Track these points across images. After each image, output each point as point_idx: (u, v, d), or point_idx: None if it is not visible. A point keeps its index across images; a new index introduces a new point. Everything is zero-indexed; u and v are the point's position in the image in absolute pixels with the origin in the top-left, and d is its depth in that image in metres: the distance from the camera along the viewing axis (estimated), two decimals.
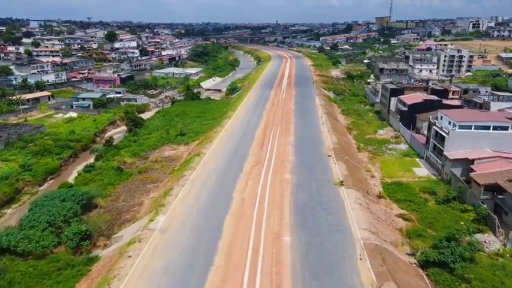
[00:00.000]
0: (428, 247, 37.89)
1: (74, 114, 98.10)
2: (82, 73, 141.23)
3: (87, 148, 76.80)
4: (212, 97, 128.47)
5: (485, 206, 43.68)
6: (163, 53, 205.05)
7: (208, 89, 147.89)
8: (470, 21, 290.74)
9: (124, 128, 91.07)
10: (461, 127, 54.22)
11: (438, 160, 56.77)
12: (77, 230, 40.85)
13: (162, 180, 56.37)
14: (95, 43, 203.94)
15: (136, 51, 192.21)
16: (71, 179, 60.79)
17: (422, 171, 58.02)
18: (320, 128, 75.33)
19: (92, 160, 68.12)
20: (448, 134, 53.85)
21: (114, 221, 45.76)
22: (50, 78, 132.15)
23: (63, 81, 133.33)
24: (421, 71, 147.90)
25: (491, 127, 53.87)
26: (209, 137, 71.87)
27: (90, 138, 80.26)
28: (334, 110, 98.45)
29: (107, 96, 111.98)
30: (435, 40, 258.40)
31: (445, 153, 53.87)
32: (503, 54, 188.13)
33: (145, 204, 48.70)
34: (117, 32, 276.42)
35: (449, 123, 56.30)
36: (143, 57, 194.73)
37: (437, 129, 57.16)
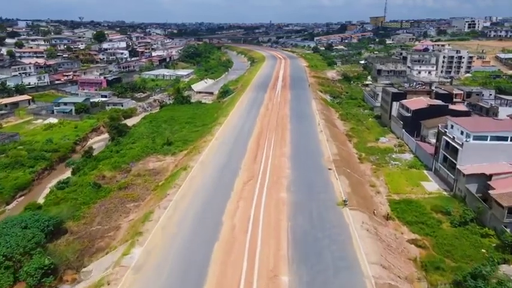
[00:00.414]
0: (449, 284, 32.53)
1: (54, 120, 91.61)
2: (67, 75, 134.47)
3: (65, 158, 70.61)
4: (203, 100, 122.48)
5: (509, 230, 38.44)
6: (153, 53, 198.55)
7: (200, 92, 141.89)
8: (466, 21, 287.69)
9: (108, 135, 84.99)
10: (476, 138, 48.97)
11: (449, 174, 51.49)
12: (38, 264, 34.93)
13: (144, 198, 50.44)
14: (82, 44, 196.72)
15: (126, 52, 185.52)
16: (43, 196, 54.70)
17: (431, 185, 52.71)
18: (318, 136, 69.78)
19: (68, 174, 61.99)
20: (461, 146, 48.56)
21: (86, 250, 39.81)
22: (32, 80, 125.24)
23: (46, 84, 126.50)
24: (420, 72, 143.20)
25: (509, 138, 48.67)
26: (198, 146, 66.00)
27: (69, 147, 73.97)
28: (332, 115, 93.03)
29: (91, 101, 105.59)
30: (431, 40, 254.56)
31: (458, 167, 48.59)
32: (502, 55, 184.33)
33: (123, 228, 42.76)
34: (106, 32, 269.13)
35: (462, 133, 51.04)
36: (133, 58, 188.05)
37: (449, 140, 51.86)
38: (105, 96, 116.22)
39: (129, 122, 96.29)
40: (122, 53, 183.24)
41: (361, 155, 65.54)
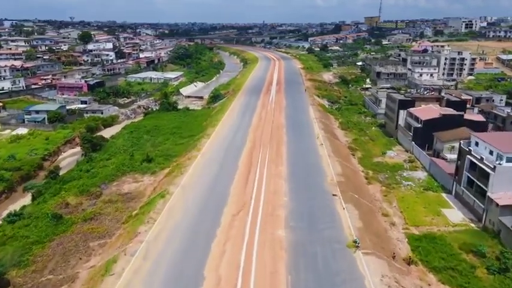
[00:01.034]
0: None
1: (24, 131, 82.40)
2: (45, 79, 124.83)
3: (29, 178, 61.57)
4: (192, 106, 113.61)
5: None
6: (141, 55, 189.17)
7: (189, 96, 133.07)
8: (463, 22, 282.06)
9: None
10: (509, 160, 41.04)
11: (477, 201, 43.54)
12: None
13: (113, 233, 41.73)
14: (65, 44, 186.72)
15: (112, 53, 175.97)
16: None
17: (455, 214, 44.71)
18: (318, 151, 61.56)
19: (29, 199, 53.08)
20: (493, 169, 40.57)
21: None
22: (6, 85, 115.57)
23: (21, 88, 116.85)
24: (421, 75, 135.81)
25: None
26: (181, 165, 57.38)
27: (35, 164, 64.84)
28: (331, 124, 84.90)
29: (68, 108, 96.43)
30: (429, 41, 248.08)
31: (489, 194, 40.64)
32: (504, 56, 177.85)
33: (80, 280, 34.06)
34: (93, 33, 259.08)
35: (491, 153, 43.11)
36: (119, 60, 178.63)
37: (475, 161, 43.89)
38: (85, 102, 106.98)
39: (110, 131, 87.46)
40: (107, 55, 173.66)
41: (368, 174, 57.42)
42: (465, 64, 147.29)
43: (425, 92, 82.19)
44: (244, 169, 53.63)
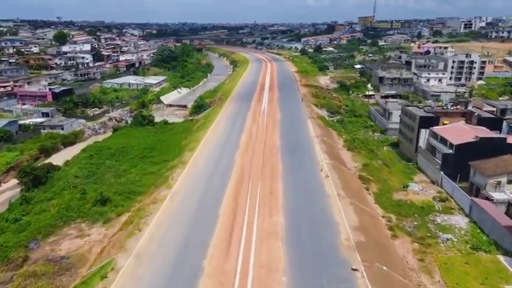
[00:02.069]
0: None
1: None
2: (4, 86, 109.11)
3: None
4: (173, 118, 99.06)
5: None
6: (121, 57, 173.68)
7: (171, 105, 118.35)
8: (462, 22, 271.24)
9: None
10: None
11: None
12: None
13: None
14: (36, 46, 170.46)
15: (88, 56, 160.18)
16: None
17: None
18: (324, 187, 47.59)
19: None
20: None
21: None
22: None
23: None
24: (428, 80, 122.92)
25: None
26: (144, 211, 42.90)
27: None
28: (335, 143, 70.98)
29: (21, 123, 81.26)
30: (428, 41, 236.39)
31: None
32: (511, 58, 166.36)
33: None
34: (73, 33, 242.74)
35: None
36: (96, 63, 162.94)
37: None
38: (47, 115, 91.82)
39: (70, 152, 72.57)
40: (83, 58, 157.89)
41: (390, 220, 43.54)
42: (474, 68, 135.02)
43: (449, 105, 68.76)
44: (227, 220, 39.36)
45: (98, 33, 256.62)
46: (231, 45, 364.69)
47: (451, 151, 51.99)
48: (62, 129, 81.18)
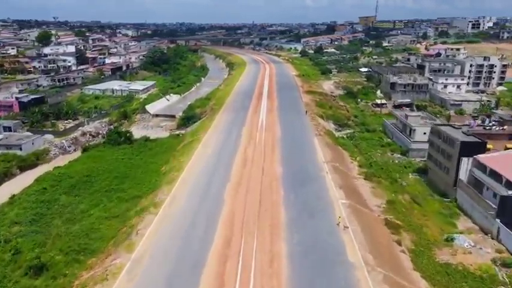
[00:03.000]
0: None
1: None
2: None
3: None
4: (156, 133, 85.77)
5: None
6: (107, 60, 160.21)
7: (158, 115, 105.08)
8: (469, 21, 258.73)
9: None
10: None
11: None
12: None
13: None
14: (13, 48, 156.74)
15: (71, 58, 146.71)
16: None
17: None
18: (344, 248, 34.57)
19: None
20: None
21: None
22: None
23: None
24: (445, 86, 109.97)
25: None
26: None
27: None
28: (349, 170, 57.83)
29: None
30: (435, 42, 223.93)
31: None
32: None
33: None
34: (60, 34, 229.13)
35: None
36: (80, 67, 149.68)
37: None
38: (9, 129, 78.61)
39: (28, 177, 59.47)
40: (64, 60, 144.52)
41: None
42: (494, 72, 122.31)
43: (492, 124, 55.87)
44: None
45: (87, 34, 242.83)
46: (228, 45, 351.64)
47: (510, 193, 39.04)
48: (21, 149, 67.86)
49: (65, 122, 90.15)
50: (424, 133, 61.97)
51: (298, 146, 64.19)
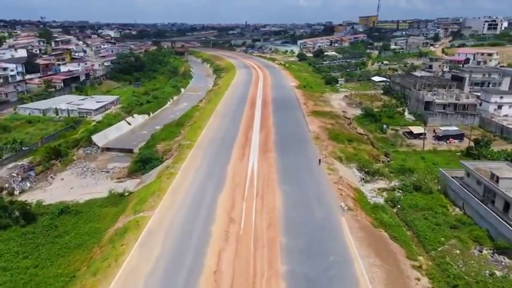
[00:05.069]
0: None
1: None
2: None
3: None
4: (92, 188, 56.78)
5: None
6: (63, 68, 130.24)
7: (109, 149, 76.12)
8: (486, 21, 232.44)
9: None
10: None
11: None
12: None
13: None
14: None
15: (13, 66, 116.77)
16: None
17: None
18: None
19: None
20: None
21: None
22: None
23: None
24: (500, 107, 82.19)
25: None
26: None
27: None
28: None
29: None
30: (451, 45, 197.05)
31: None
32: None
33: None
34: (23, 35, 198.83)
35: None
36: (28, 76, 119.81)
37: None
38: None
39: None
40: (5, 69, 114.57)
41: None
42: None
43: None
44: None
45: (55, 35, 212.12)
46: (218, 48, 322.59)
47: None
48: None
49: None
50: None
51: (315, 238, 35.65)
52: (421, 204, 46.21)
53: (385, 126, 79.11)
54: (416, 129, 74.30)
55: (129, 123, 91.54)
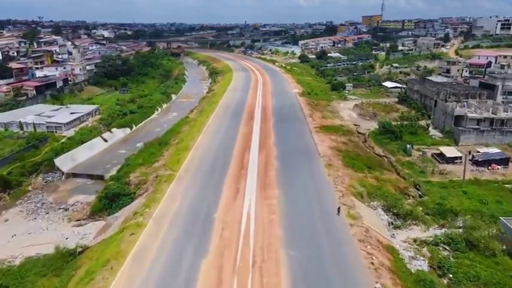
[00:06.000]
0: None
1: None
2: None
3: None
4: (38, 235, 43.62)
5: None
6: (38, 73, 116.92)
7: (76, 174, 62.88)
8: (499, 21, 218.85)
9: None
10: None
11: None
12: None
13: None
14: None
15: None
16: None
17: None
18: None
19: None
20: None
21: None
22: None
23: None
24: None
25: None
26: None
27: None
28: None
29: None
30: (465, 46, 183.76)
31: None
32: None
33: None
34: (7, 35, 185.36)
35: None
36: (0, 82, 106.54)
37: None
38: None
39: None
40: None
41: None
42: None
43: None
44: None
45: (41, 35, 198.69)
46: (215, 48, 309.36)
47: None
48: None
49: None
50: None
51: None
52: (485, 276, 32.87)
53: (408, 146, 65.69)
54: (449, 152, 60.97)
55: (105, 140, 78.08)
